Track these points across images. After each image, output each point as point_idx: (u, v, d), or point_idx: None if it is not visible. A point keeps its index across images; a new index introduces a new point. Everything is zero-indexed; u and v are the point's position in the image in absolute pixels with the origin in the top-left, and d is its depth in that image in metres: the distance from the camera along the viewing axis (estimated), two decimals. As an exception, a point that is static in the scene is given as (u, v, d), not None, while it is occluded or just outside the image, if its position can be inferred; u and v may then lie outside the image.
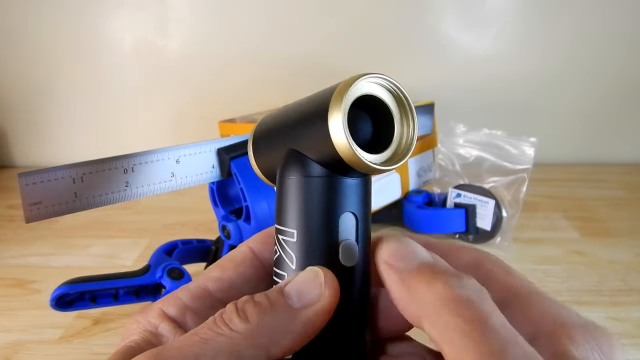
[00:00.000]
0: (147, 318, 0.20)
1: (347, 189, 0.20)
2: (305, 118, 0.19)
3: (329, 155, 0.18)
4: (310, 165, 0.19)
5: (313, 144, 0.19)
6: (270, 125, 0.22)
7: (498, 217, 0.52)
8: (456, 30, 0.75)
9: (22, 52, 0.79)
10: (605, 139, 0.82)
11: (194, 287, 0.21)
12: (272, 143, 0.21)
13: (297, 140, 0.20)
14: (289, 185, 0.20)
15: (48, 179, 0.26)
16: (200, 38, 0.77)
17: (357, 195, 0.20)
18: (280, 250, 0.20)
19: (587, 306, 0.44)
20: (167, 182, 0.31)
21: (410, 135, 0.20)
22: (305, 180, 0.19)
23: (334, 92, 0.19)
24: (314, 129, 0.19)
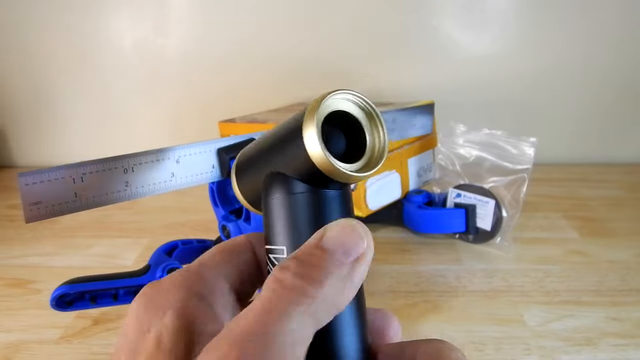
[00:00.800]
0: (171, 295, 0.20)
1: (330, 201, 0.21)
2: (281, 139, 0.21)
3: (307, 169, 0.19)
4: (291, 183, 0.20)
5: (292, 162, 0.20)
6: (250, 154, 0.23)
7: (498, 217, 0.52)
8: (456, 30, 0.75)
9: (22, 52, 0.79)
10: (605, 139, 0.82)
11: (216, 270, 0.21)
12: (253, 170, 0.22)
13: (277, 161, 0.21)
14: (274, 206, 0.21)
15: (48, 179, 0.26)
16: (200, 38, 0.77)
17: (340, 206, 0.21)
18: (272, 269, 0.21)
19: (587, 306, 0.44)
20: (167, 182, 0.31)
21: (381, 143, 0.21)
22: (289, 198, 0.20)
23: (306, 111, 0.20)
24: (291, 147, 0.20)
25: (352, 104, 0.21)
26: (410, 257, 0.53)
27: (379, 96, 0.78)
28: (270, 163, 0.21)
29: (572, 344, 0.39)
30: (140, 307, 0.20)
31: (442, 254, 0.53)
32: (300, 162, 0.19)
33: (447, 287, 0.47)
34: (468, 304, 0.45)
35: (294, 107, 0.71)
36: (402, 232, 0.58)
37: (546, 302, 0.45)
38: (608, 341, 0.40)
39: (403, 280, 0.48)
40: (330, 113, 0.20)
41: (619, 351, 0.39)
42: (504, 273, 0.50)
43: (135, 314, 0.19)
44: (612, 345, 0.39)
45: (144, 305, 0.20)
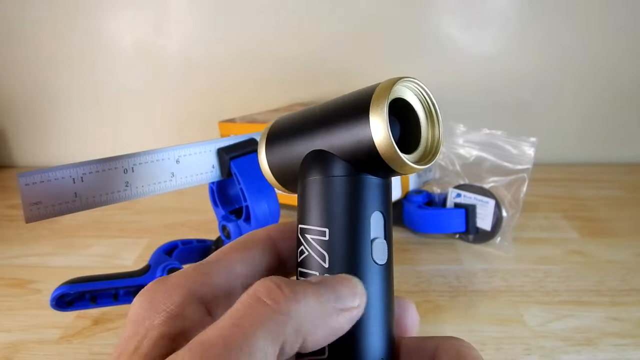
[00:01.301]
0: (170, 297, 0.19)
1: (377, 189, 0.20)
2: (339, 118, 0.20)
3: (366, 154, 0.19)
4: (341, 165, 0.20)
5: (348, 144, 0.19)
6: (289, 127, 0.22)
7: (498, 217, 0.52)
8: (456, 30, 0.75)
9: (22, 52, 0.79)
10: (605, 139, 0.82)
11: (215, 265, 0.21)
12: (293, 144, 0.21)
13: (329, 141, 0.20)
14: (320, 185, 0.20)
15: (48, 179, 0.26)
16: (200, 38, 0.77)
17: (384, 195, 0.21)
18: (309, 250, 0.20)
19: (587, 306, 0.44)
20: (167, 182, 0.31)
21: (437, 137, 0.21)
22: (338, 180, 0.20)
23: (374, 94, 0.19)
24: (352, 128, 0.19)
25: (415, 95, 0.21)
26: (411, 257, 0.53)
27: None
28: (320, 140, 0.20)
29: (572, 344, 0.39)
30: (139, 306, 0.19)
31: (442, 254, 0.53)
32: (359, 146, 0.19)
33: (447, 287, 0.47)
34: (468, 304, 0.45)
35: (293, 107, 0.71)
36: (402, 232, 0.58)
37: (546, 302, 0.45)
38: (608, 341, 0.40)
39: (403, 281, 0.48)
40: (393, 100, 0.20)
41: (619, 351, 0.39)
42: (504, 273, 0.50)
43: (134, 312, 0.19)
44: (612, 345, 0.39)
45: (142, 305, 0.19)
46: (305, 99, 0.79)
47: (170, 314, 0.18)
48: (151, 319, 0.18)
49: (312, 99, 0.79)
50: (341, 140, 0.20)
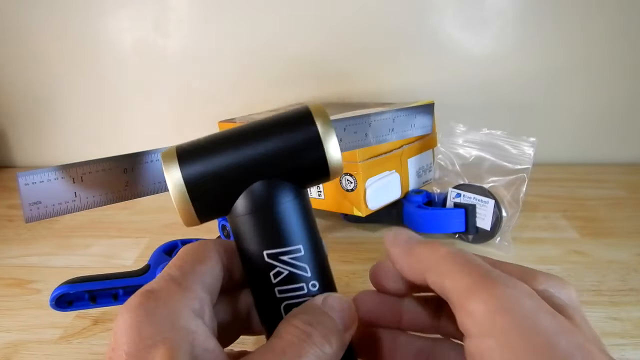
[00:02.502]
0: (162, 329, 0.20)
1: (307, 196, 0.24)
2: (283, 147, 0.21)
3: (319, 172, 0.22)
4: (291, 188, 0.22)
5: (296, 167, 0.21)
6: (214, 162, 0.22)
7: (498, 217, 0.52)
8: (456, 30, 0.75)
9: (22, 52, 0.79)
10: (605, 139, 0.82)
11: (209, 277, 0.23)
12: (228, 179, 0.22)
13: (273, 169, 0.21)
14: (285, 212, 0.22)
15: (48, 179, 0.26)
16: (201, 38, 0.77)
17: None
18: (288, 268, 0.22)
19: (587, 306, 0.44)
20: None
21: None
22: (295, 203, 0.22)
23: (319, 120, 0.21)
24: (303, 153, 0.21)
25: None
26: (410, 257, 0.53)
27: (379, 96, 0.78)
28: (260, 170, 0.21)
29: (572, 344, 0.39)
30: (140, 320, 0.19)
31: (442, 254, 0.53)
32: (312, 166, 0.21)
33: (447, 287, 0.47)
34: (468, 304, 0.45)
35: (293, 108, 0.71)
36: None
37: (546, 302, 0.45)
38: (608, 341, 0.40)
39: (403, 280, 0.48)
40: None
41: (619, 351, 0.39)
42: (503, 273, 0.50)
43: (137, 326, 0.19)
44: (612, 345, 0.39)
45: (144, 319, 0.19)
46: (306, 99, 0.79)
47: (180, 330, 0.19)
48: (163, 332, 0.19)
49: (312, 99, 0.79)
50: (288, 165, 0.21)
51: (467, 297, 0.18)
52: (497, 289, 0.18)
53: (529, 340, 0.17)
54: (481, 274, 0.19)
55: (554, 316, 0.18)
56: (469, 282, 0.19)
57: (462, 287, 0.19)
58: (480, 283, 0.18)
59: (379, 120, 0.39)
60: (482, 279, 0.19)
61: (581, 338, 0.17)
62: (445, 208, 0.55)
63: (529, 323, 0.17)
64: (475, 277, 0.19)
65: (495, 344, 0.17)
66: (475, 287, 0.18)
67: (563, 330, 0.17)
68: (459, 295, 0.19)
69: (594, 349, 0.17)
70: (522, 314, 0.17)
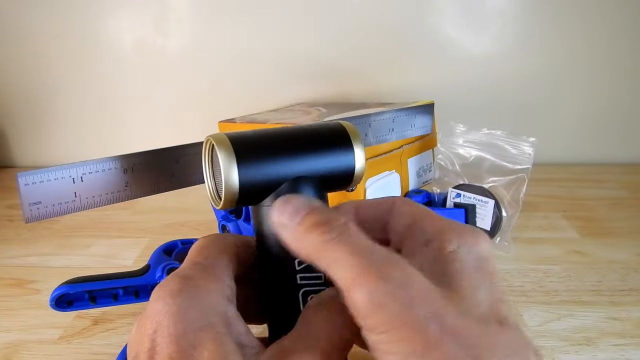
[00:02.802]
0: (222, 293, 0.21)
1: None
2: (320, 149, 0.24)
3: (345, 176, 0.25)
4: (317, 188, 0.24)
5: (329, 170, 0.24)
6: (265, 151, 0.24)
7: (498, 217, 0.52)
8: (456, 30, 0.75)
9: (22, 52, 0.79)
10: (605, 139, 0.82)
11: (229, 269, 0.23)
12: (275, 169, 0.23)
13: (309, 168, 0.24)
14: (319, 197, 0.24)
15: (48, 179, 0.26)
16: (201, 38, 0.77)
17: None
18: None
19: (587, 306, 0.44)
20: (167, 182, 0.31)
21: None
22: (324, 202, 0.25)
23: (349, 130, 0.25)
24: (335, 157, 0.24)
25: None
26: (410, 257, 0.53)
27: (379, 96, 0.78)
28: (299, 167, 0.24)
29: (572, 344, 0.39)
30: (184, 305, 0.20)
31: (442, 254, 0.53)
32: (339, 166, 0.24)
33: (447, 287, 0.47)
34: (468, 304, 0.45)
35: (294, 107, 0.71)
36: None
37: (546, 302, 0.45)
38: (608, 341, 0.40)
39: (403, 280, 0.48)
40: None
41: (619, 351, 0.39)
42: (503, 273, 0.50)
43: (182, 310, 0.20)
44: (612, 345, 0.39)
45: (187, 304, 0.20)
46: (306, 99, 0.79)
47: (222, 316, 0.21)
48: (207, 318, 0.20)
49: (312, 98, 0.79)
50: (323, 165, 0.24)
51: (350, 292, 0.18)
52: (376, 283, 0.18)
53: (402, 331, 0.17)
54: (362, 267, 0.19)
55: (425, 299, 0.18)
56: (353, 275, 0.18)
57: (345, 281, 0.19)
58: (361, 277, 0.18)
59: (379, 120, 0.39)
60: (364, 272, 0.18)
61: (451, 317, 0.18)
62: (445, 208, 0.55)
63: (401, 316, 0.17)
64: (358, 270, 0.18)
65: (374, 336, 0.18)
66: (357, 281, 0.18)
67: (434, 314, 0.18)
68: (344, 288, 0.19)
69: (465, 324, 0.18)
70: (395, 308, 0.17)
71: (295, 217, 0.21)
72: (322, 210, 0.21)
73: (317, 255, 0.20)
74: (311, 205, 0.22)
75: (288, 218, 0.21)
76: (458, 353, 0.17)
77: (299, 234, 0.21)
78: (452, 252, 0.21)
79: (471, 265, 0.20)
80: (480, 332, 0.18)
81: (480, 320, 0.18)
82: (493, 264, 0.21)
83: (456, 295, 0.19)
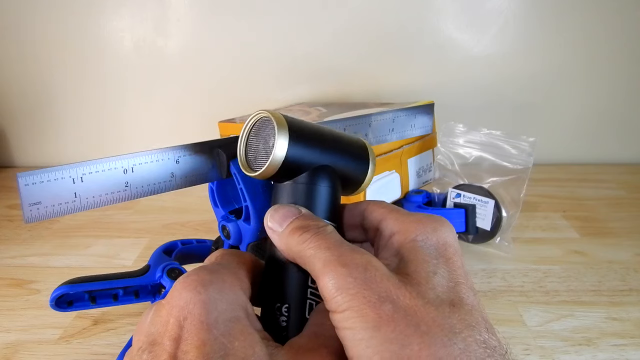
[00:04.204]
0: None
1: None
2: (348, 154, 0.28)
3: (358, 178, 0.29)
4: (338, 180, 0.27)
5: (349, 170, 0.28)
6: (311, 136, 0.27)
7: (498, 217, 0.52)
8: (456, 30, 0.75)
9: (22, 52, 0.79)
10: (605, 139, 0.82)
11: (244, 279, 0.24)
12: (315, 152, 0.26)
13: (337, 162, 0.27)
14: (332, 192, 0.27)
15: (48, 179, 0.26)
16: (200, 38, 0.77)
17: None
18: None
19: (587, 306, 0.44)
20: (167, 182, 0.31)
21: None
22: (338, 193, 0.28)
23: (370, 150, 0.29)
24: (356, 163, 0.28)
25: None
26: (410, 257, 0.53)
27: (379, 96, 0.78)
28: (331, 158, 0.27)
29: (572, 344, 0.39)
30: (215, 296, 0.21)
31: (441, 254, 0.53)
32: (356, 172, 0.28)
33: (447, 287, 0.47)
34: (468, 304, 0.45)
35: (293, 107, 0.71)
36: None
37: (546, 302, 0.45)
38: (608, 341, 0.40)
39: (403, 280, 0.48)
40: None
41: (619, 351, 0.39)
42: (503, 273, 0.50)
43: (212, 301, 0.21)
44: (612, 345, 0.39)
45: (218, 296, 0.21)
46: (305, 99, 0.79)
47: (245, 308, 0.22)
48: (235, 306, 0.22)
49: (312, 98, 0.79)
50: (345, 166, 0.28)
51: (319, 279, 0.21)
52: (339, 269, 0.21)
53: (359, 309, 0.19)
54: (328, 258, 0.21)
55: (382, 282, 0.20)
56: (321, 266, 0.21)
57: (317, 271, 0.21)
58: (327, 265, 0.21)
59: (379, 120, 0.39)
60: (329, 261, 0.21)
61: (404, 299, 0.20)
62: (445, 208, 0.55)
63: (359, 295, 0.20)
64: (325, 261, 0.21)
65: (337, 315, 0.20)
66: (323, 269, 0.21)
67: (388, 295, 0.20)
68: (316, 278, 0.21)
69: (417, 305, 0.20)
70: (354, 289, 0.20)
71: (283, 223, 0.24)
72: (305, 217, 0.24)
73: (298, 253, 0.23)
74: (297, 213, 0.24)
75: (277, 224, 0.24)
76: (407, 330, 0.19)
77: (284, 237, 0.24)
78: (412, 242, 0.23)
79: (429, 252, 0.23)
80: (431, 312, 0.20)
81: (432, 302, 0.20)
82: (453, 250, 0.23)
83: (412, 280, 0.21)
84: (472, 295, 0.22)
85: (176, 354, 0.20)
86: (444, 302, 0.20)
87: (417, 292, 0.20)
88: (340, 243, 0.22)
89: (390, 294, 0.20)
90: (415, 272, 0.21)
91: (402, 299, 0.20)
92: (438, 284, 0.21)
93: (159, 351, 0.20)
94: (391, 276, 0.21)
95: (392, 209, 0.26)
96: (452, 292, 0.21)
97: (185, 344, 0.20)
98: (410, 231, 0.23)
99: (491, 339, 0.20)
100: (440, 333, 0.19)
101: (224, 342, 0.20)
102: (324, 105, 0.69)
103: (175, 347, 0.20)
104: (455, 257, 0.23)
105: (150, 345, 0.21)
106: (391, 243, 0.24)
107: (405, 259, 0.22)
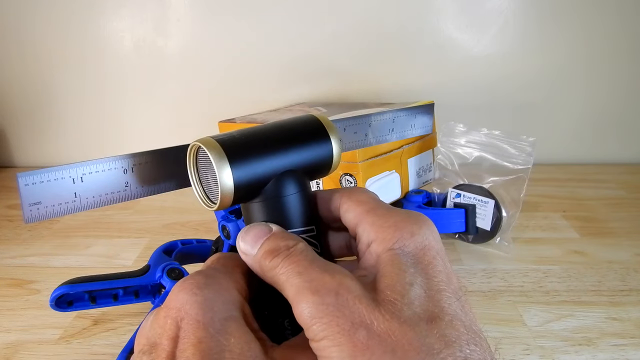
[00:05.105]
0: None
1: None
2: (301, 143, 0.26)
3: (325, 166, 0.27)
4: (305, 179, 0.26)
5: (311, 161, 0.26)
6: (253, 149, 0.25)
7: (498, 217, 0.52)
8: (456, 30, 0.75)
9: (22, 52, 0.79)
10: (605, 139, 0.82)
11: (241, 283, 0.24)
12: (264, 166, 0.25)
13: (294, 161, 0.25)
14: (300, 197, 0.25)
15: (48, 179, 0.26)
16: (200, 38, 0.77)
17: None
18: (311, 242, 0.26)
19: (587, 306, 0.44)
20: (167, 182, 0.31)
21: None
22: (308, 191, 0.26)
23: (324, 121, 0.27)
24: (314, 148, 0.26)
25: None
26: (410, 257, 0.53)
27: (379, 96, 0.78)
28: (285, 162, 0.25)
29: (571, 344, 0.39)
30: (211, 297, 0.21)
31: (441, 254, 0.53)
32: (320, 157, 0.26)
33: (447, 287, 0.47)
34: (468, 304, 0.45)
35: (293, 107, 0.71)
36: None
37: (546, 302, 0.45)
38: (608, 341, 0.40)
39: (403, 280, 0.48)
40: None
41: (619, 351, 0.39)
42: (503, 273, 0.50)
43: (208, 302, 0.21)
44: (612, 345, 0.39)
45: (214, 297, 0.22)
46: (305, 99, 0.79)
47: (241, 309, 0.23)
48: (229, 307, 0.22)
49: (312, 98, 0.79)
50: (306, 159, 0.26)
51: (294, 308, 0.21)
52: (310, 297, 0.20)
53: (335, 338, 0.19)
54: (300, 285, 0.21)
55: (355, 307, 0.20)
56: (293, 293, 0.21)
57: (291, 299, 0.21)
58: (299, 294, 0.21)
59: (379, 120, 0.39)
60: (300, 289, 0.21)
61: (378, 323, 0.19)
62: (445, 208, 0.55)
63: (332, 324, 0.19)
64: (297, 289, 0.21)
65: (315, 344, 0.20)
66: (296, 298, 0.21)
67: (362, 322, 0.19)
68: (292, 305, 0.21)
69: (392, 328, 0.19)
70: (327, 317, 0.19)
71: (255, 245, 0.24)
72: (276, 236, 0.24)
73: (272, 279, 0.23)
74: (268, 232, 0.24)
75: (250, 247, 0.24)
76: (384, 357, 0.18)
77: (257, 261, 0.23)
78: (389, 251, 0.22)
79: (406, 261, 0.22)
80: (407, 333, 0.19)
81: (408, 322, 0.19)
82: (434, 253, 0.22)
83: (387, 297, 0.20)
84: (454, 301, 0.21)
85: (174, 353, 0.20)
86: (421, 320, 0.20)
87: (391, 313, 0.20)
88: (311, 264, 0.22)
89: (363, 319, 0.19)
90: (391, 287, 0.21)
91: (376, 323, 0.19)
92: (415, 297, 0.20)
93: (158, 351, 0.21)
94: (364, 297, 0.20)
95: (367, 209, 0.24)
96: (431, 303, 0.20)
97: (182, 342, 0.20)
98: (387, 240, 0.22)
99: (473, 353, 0.19)
100: (417, 357, 0.18)
101: (220, 339, 0.20)
102: (324, 105, 0.69)
103: (173, 346, 0.20)
104: (435, 260, 0.22)
105: (150, 347, 0.21)
106: (369, 253, 0.23)
107: (381, 272, 0.22)
